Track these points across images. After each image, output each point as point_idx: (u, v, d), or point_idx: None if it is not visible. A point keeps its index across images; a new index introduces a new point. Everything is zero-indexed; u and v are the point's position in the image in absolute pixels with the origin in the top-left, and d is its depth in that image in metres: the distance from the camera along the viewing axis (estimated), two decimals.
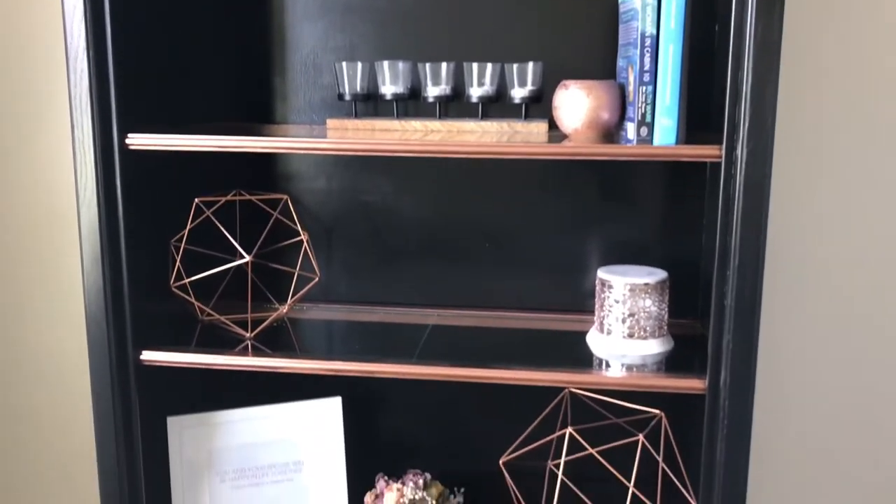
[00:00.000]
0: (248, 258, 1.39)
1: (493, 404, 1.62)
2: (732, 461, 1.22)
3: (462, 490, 1.52)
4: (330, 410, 1.51)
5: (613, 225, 1.54)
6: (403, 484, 1.45)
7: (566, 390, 1.48)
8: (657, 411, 1.42)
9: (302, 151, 1.47)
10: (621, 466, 1.38)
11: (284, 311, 1.50)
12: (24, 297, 1.84)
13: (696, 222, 1.48)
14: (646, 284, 1.34)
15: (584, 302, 1.54)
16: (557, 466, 1.47)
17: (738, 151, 1.13)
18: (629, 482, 1.38)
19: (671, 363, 1.34)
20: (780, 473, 1.74)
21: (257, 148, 1.30)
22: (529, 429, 1.46)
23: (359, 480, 1.53)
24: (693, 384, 1.24)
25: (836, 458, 1.71)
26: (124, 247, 1.29)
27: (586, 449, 1.43)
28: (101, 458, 1.36)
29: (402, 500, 1.43)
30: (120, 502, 1.36)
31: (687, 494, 1.36)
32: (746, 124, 1.12)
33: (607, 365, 1.34)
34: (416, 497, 1.43)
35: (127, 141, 1.27)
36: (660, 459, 1.40)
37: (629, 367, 1.33)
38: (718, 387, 1.21)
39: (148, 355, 1.34)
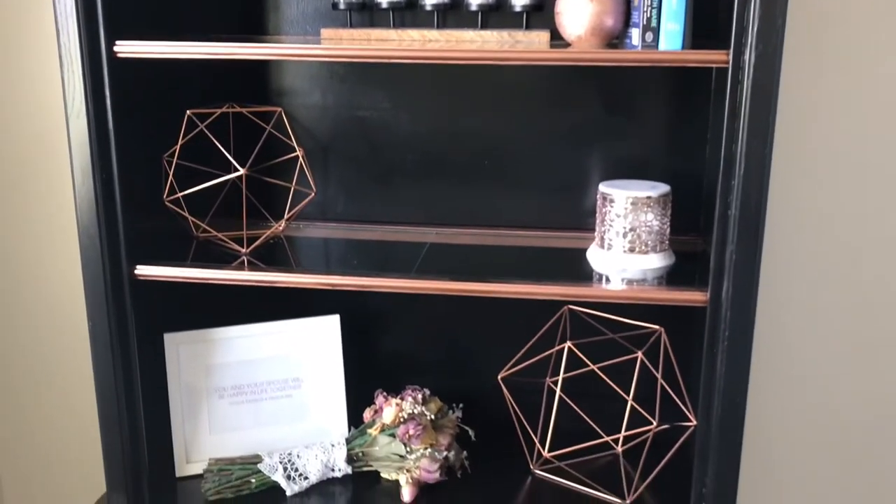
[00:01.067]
0: (242, 171, 1.37)
1: (492, 323, 1.61)
2: (733, 374, 1.21)
3: (461, 406, 1.52)
4: (328, 328, 1.50)
5: (615, 140, 1.51)
6: (402, 399, 1.45)
7: (565, 307, 1.47)
8: (657, 327, 1.41)
9: (296, 58, 1.44)
10: (620, 386, 1.38)
11: (281, 227, 1.48)
12: (21, 218, 1.82)
13: (700, 137, 1.45)
14: (648, 198, 1.31)
15: (584, 220, 1.52)
16: (556, 383, 1.47)
17: (747, 56, 1.09)
18: (628, 397, 1.38)
19: (672, 277, 1.32)
20: (778, 395, 1.74)
21: (249, 55, 1.26)
22: (528, 345, 1.46)
23: (358, 397, 1.53)
24: (694, 297, 1.23)
25: (835, 383, 1.71)
26: (115, 159, 1.26)
27: (585, 365, 1.43)
28: (97, 376, 1.35)
29: (400, 415, 1.43)
30: (118, 421, 1.36)
31: (686, 411, 1.36)
32: (756, 27, 1.07)
33: (607, 279, 1.33)
34: (415, 411, 1.43)
35: (115, 48, 1.23)
36: (659, 376, 1.39)
37: (629, 282, 1.31)
38: (720, 299, 1.19)
39: (142, 270, 1.32)
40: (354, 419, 1.51)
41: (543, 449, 1.45)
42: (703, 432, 1.26)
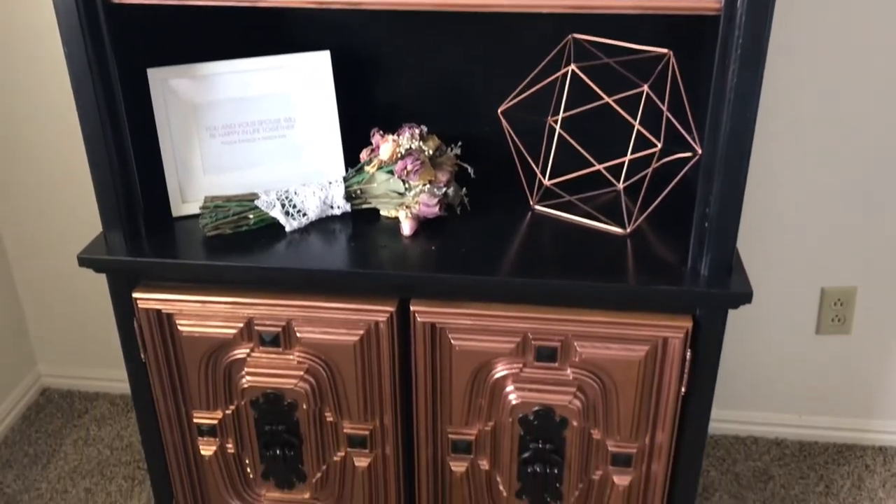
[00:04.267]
0: None
1: (492, 60, 1.54)
2: (744, 87, 1.15)
3: (459, 143, 1.47)
4: (319, 64, 1.43)
5: None
6: (399, 135, 1.41)
7: (570, 36, 1.40)
8: (665, 50, 1.34)
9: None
10: (624, 120, 1.33)
11: None
12: None
13: None
14: None
15: None
16: (557, 122, 1.42)
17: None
18: (633, 125, 1.34)
19: None
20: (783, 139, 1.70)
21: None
22: (530, 76, 1.39)
23: (354, 144, 1.49)
24: (708, 3, 1.15)
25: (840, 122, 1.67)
26: None
27: (588, 101, 1.38)
28: (81, 111, 1.29)
29: (398, 151, 1.39)
30: (107, 158, 1.32)
31: (691, 141, 1.32)
32: None
33: None
34: (413, 146, 1.39)
35: None
36: (664, 107, 1.34)
37: None
38: (735, 5, 1.11)
39: None
40: (352, 163, 1.48)
41: (544, 177, 1.42)
42: (710, 154, 1.22)
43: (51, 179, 1.95)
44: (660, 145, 1.31)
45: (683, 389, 1.33)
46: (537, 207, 1.47)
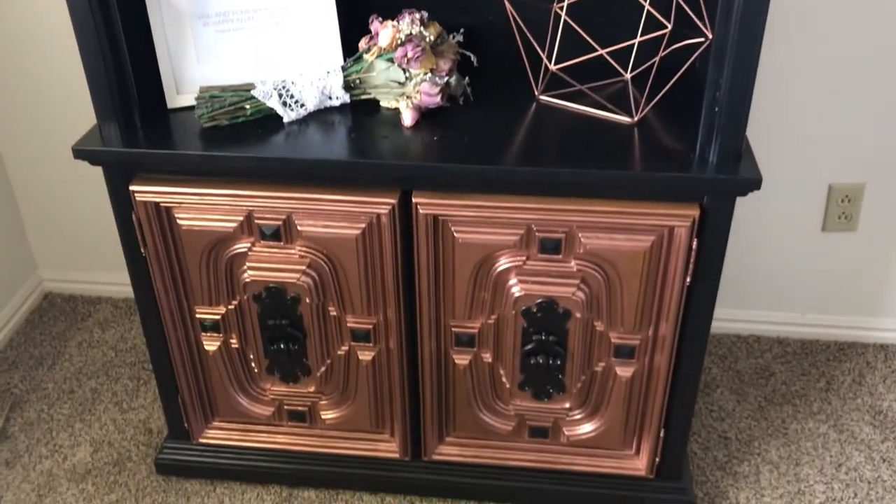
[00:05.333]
0: None
1: None
2: None
3: (462, 30, 1.42)
4: None
5: None
6: (399, 21, 1.36)
7: None
8: None
9: None
10: (631, 7, 1.28)
11: None
12: None
13: None
14: None
15: None
16: (563, 9, 1.37)
17: None
18: (644, 6, 1.29)
19: None
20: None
21: None
22: None
23: (352, 29, 1.44)
24: None
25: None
26: None
27: None
28: (72, 9, 1.24)
29: (397, 37, 1.34)
30: (99, 48, 1.27)
31: (701, 25, 1.27)
32: None
33: None
34: (414, 32, 1.34)
35: None
36: None
37: None
38: None
39: None
40: (350, 54, 1.43)
41: (550, 62, 1.38)
42: (721, 36, 1.17)
43: (46, 78, 1.91)
44: (670, 26, 1.26)
45: (689, 280, 1.32)
46: (542, 97, 1.43)
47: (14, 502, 1.65)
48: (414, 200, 1.30)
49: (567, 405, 1.50)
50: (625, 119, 1.36)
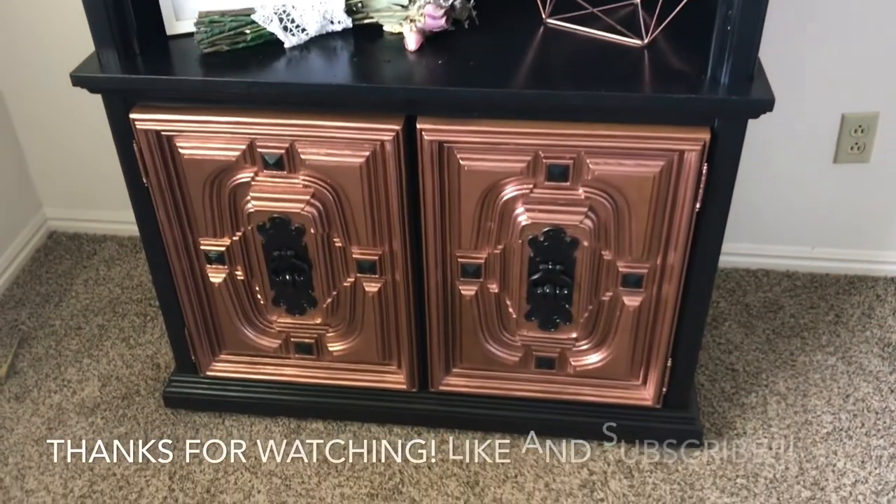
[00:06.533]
0: None
1: None
2: None
3: None
4: None
5: None
6: None
7: None
8: None
9: None
10: None
11: None
12: None
13: None
14: None
15: None
16: None
17: None
18: None
19: None
20: None
21: None
22: None
23: None
24: None
25: None
26: None
27: None
28: None
29: None
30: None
31: None
32: None
33: None
34: None
35: None
36: None
37: None
38: None
39: None
40: None
41: None
42: None
43: (44, 12, 1.87)
44: None
45: (698, 206, 1.30)
46: (549, 21, 1.39)
47: (24, 435, 1.67)
48: (418, 126, 1.28)
49: (574, 335, 1.49)
50: (635, 42, 1.32)
